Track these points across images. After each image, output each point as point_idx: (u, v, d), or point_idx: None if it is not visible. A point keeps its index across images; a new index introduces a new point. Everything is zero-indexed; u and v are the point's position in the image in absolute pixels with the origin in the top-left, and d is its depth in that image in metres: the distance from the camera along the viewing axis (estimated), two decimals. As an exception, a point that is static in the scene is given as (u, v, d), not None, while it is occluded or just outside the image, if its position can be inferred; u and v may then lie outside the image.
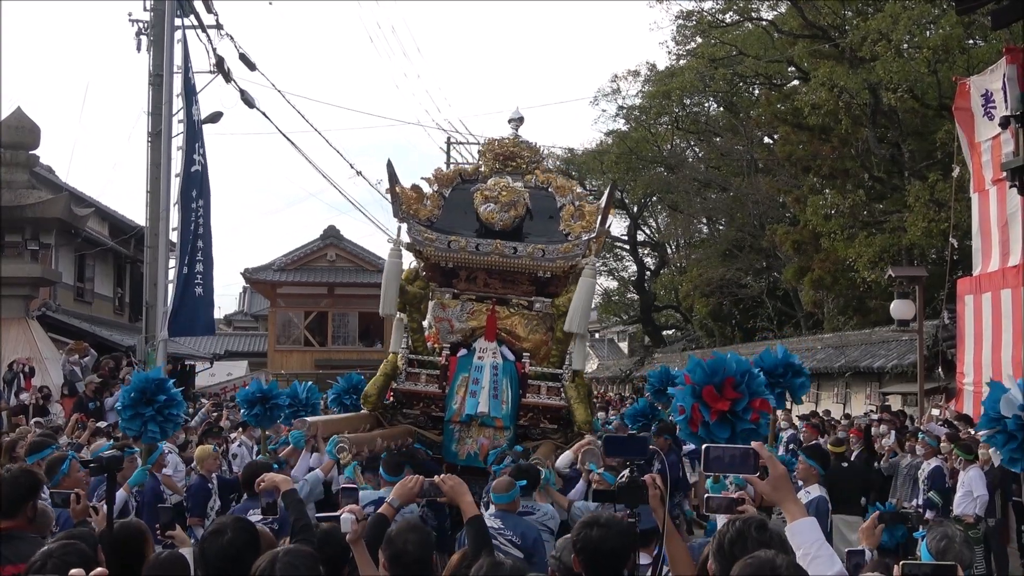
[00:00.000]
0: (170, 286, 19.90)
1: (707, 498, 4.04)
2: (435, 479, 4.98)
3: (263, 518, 6.07)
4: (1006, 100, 14.68)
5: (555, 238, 10.37)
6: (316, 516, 4.83)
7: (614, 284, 53.06)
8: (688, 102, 41.06)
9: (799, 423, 18.22)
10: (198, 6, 20.44)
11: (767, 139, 38.21)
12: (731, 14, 35.82)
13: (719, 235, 42.20)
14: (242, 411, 11.61)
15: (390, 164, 10.71)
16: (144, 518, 7.21)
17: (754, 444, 3.46)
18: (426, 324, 10.63)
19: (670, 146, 43.90)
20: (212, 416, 16.60)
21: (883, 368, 22.12)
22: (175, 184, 19.71)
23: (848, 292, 30.75)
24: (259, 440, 12.87)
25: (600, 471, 7.42)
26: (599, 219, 10.27)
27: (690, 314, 45.99)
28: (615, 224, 48.50)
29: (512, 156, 11.05)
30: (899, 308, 18.77)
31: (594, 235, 10.24)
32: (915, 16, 25.88)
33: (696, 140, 43.87)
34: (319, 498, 8.14)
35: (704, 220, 44.33)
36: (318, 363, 41.97)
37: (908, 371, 20.47)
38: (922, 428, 14.43)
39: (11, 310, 19.37)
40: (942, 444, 12.34)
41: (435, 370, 10.19)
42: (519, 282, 10.53)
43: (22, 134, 20.32)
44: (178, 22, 20.08)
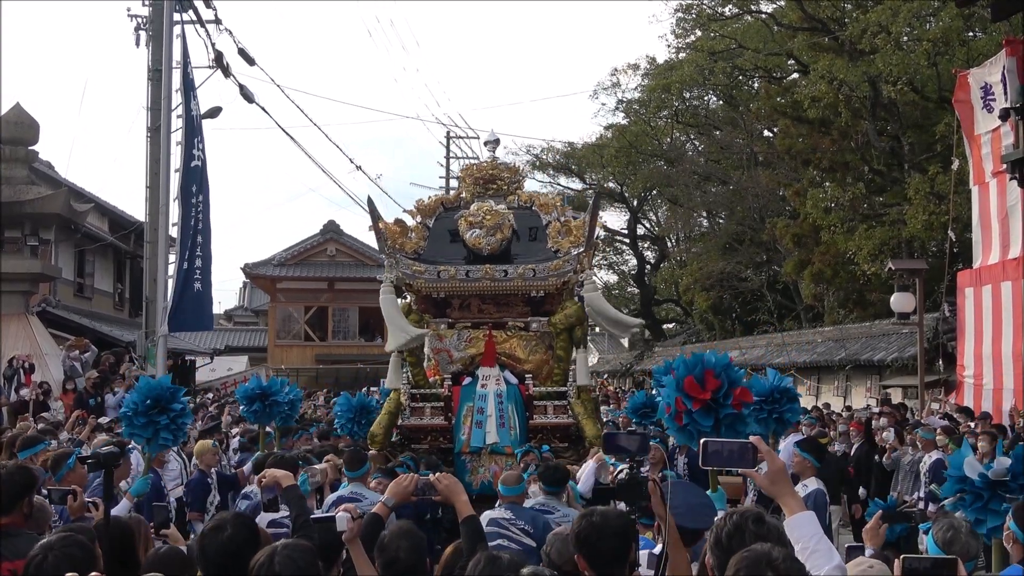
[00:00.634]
0: (170, 281, 19.91)
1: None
2: (430, 477, 4.98)
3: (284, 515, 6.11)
4: (1005, 92, 14.67)
5: (544, 256, 10.34)
6: (312, 517, 4.82)
7: (614, 278, 53.10)
8: (688, 95, 41.03)
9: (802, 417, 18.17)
10: (196, 2, 20.44)
11: (767, 132, 38.19)
12: (730, 7, 35.77)
13: (719, 229, 42.18)
14: (241, 407, 11.57)
15: (371, 202, 10.73)
16: (144, 513, 7.21)
17: (752, 438, 3.46)
18: (425, 357, 10.63)
19: (670, 140, 43.89)
20: (212, 412, 16.59)
21: (883, 361, 22.12)
22: (175, 179, 19.71)
23: (848, 285, 30.73)
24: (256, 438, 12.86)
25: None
26: (587, 232, 10.26)
27: (690, 308, 45.99)
28: (616, 218, 48.59)
29: (492, 179, 11.02)
30: (899, 301, 18.76)
31: (583, 249, 10.22)
32: (915, 8, 25.85)
33: (696, 133, 43.84)
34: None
35: (704, 214, 44.30)
36: (318, 358, 42.05)
37: (908, 364, 20.46)
38: (921, 422, 14.44)
39: (11, 306, 19.37)
40: (938, 437, 12.35)
41: (439, 402, 10.15)
42: (513, 304, 10.48)
43: (21, 129, 20.30)
44: (177, 17, 20.08)
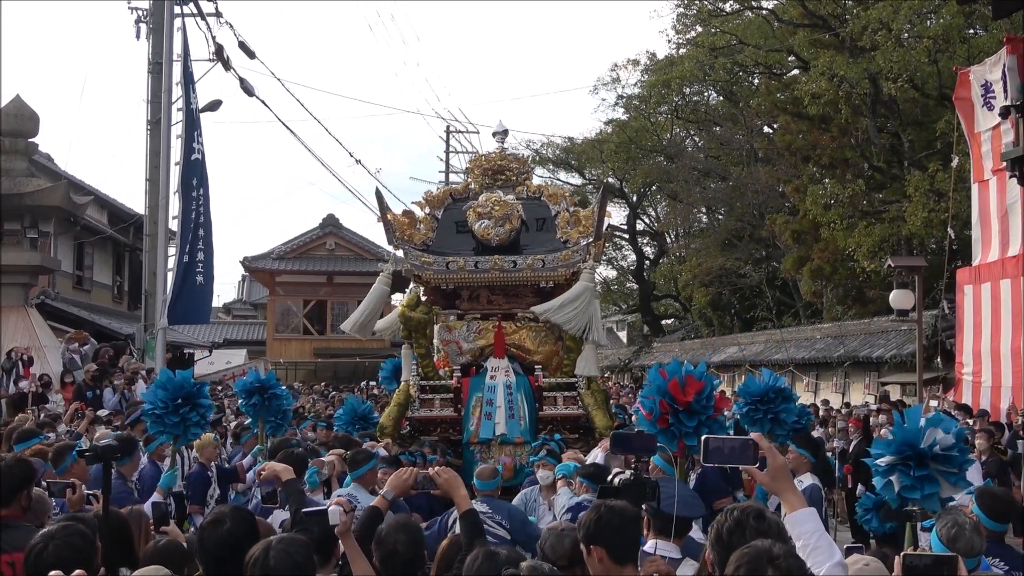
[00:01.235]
0: (169, 274, 19.89)
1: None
2: (429, 471, 5.00)
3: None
4: (1005, 90, 14.65)
5: (553, 246, 10.35)
6: (303, 511, 4.82)
7: (613, 273, 53.06)
8: (688, 91, 41.02)
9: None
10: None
11: (767, 128, 38.15)
12: (731, 3, 35.71)
13: (718, 225, 42.16)
14: (240, 401, 11.54)
15: (379, 194, 10.74)
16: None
17: (753, 435, 3.46)
18: (434, 348, 10.62)
19: (670, 135, 43.85)
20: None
21: (882, 358, 22.14)
22: (174, 172, 19.69)
23: (847, 282, 30.74)
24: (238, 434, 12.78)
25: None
26: (595, 223, 10.24)
27: (689, 304, 45.99)
28: (615, 213, 48.52)
29: (501, 169, 11.03)
30: (898, 298, 18.76)
31: (592, 239, 10.21)
32: (915, 5, 25.80)
33: (696, 129, 43.83)
34: None
35: (703, 209, 44.28)
36: (317, 352, 42.03)
37: (907, 361, 20.48)
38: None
39: (10, 298, 19.34)
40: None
41: (448, 394, 10.17)
42: (523, 295, 10.52)
43: (21, 122, 20.26)
44: (177, 10, 20.07)
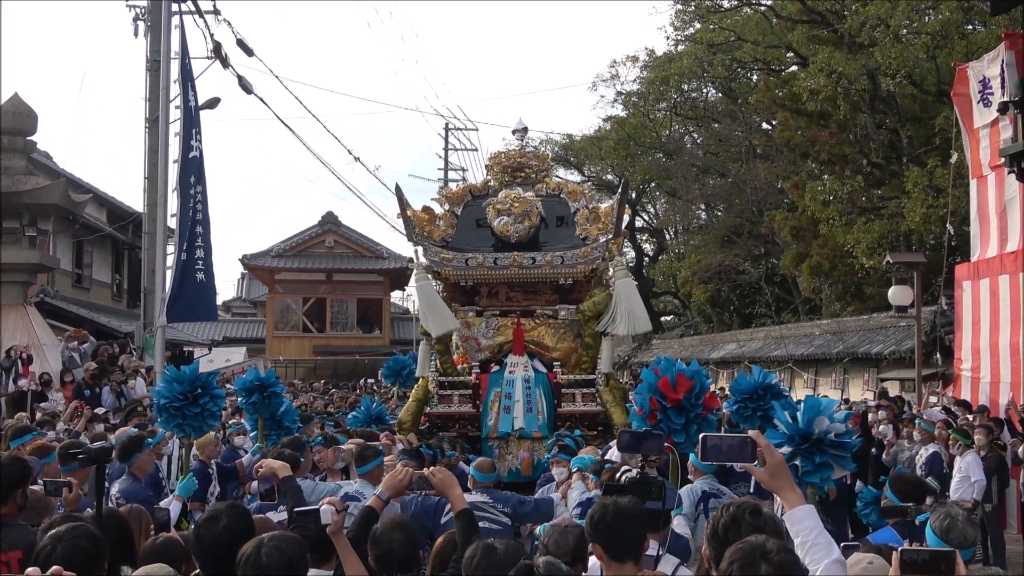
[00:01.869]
0: (168, 272, 19.86)
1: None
2: (424, 471, 5.00)
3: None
4: (1003, 86, 14.65)
5: (572, 243, 10.36)
6: (295, 511, 4.81)
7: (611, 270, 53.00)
8: (686, 88, 41.04)
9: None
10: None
11: (765, 125, 38.17)
12: (729, -1, 35.78)
13: (717, 221, 42.18)
14: (240, 399, 11.52)
15: (399, 190, 10.72)
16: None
17: (751, 432, 3.45)
18: (453, 345, 10.62)
19: (668, 132, 43.85)
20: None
21: (881, 354, 22.15)
22: (173, 170, 19.65)
23: (846, 278, 30.77)
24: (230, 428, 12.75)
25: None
26: (615, 219, 10.25)
27: (688, 300, 46.02)
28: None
29: (520, 167, 11.06)
30: (897, 294, 18.77)
31: (611, 236, 10.21)
32: (914, 1, 25.86)
33: (694, 126, 43.84)
34: None
35: (702, 206, 44.31)
36: (316, 349, 42.02)
37: (906, 357, 20.49)
38: (921, 414, 14.45)
39: (9, 296, 19.33)
40: (938, 432, 12.36)
41: (467, 390, 10.19)
42: (541, 292, 10.54)
43: (19, 120, 20.24)
44: (175, 7, 19.99)
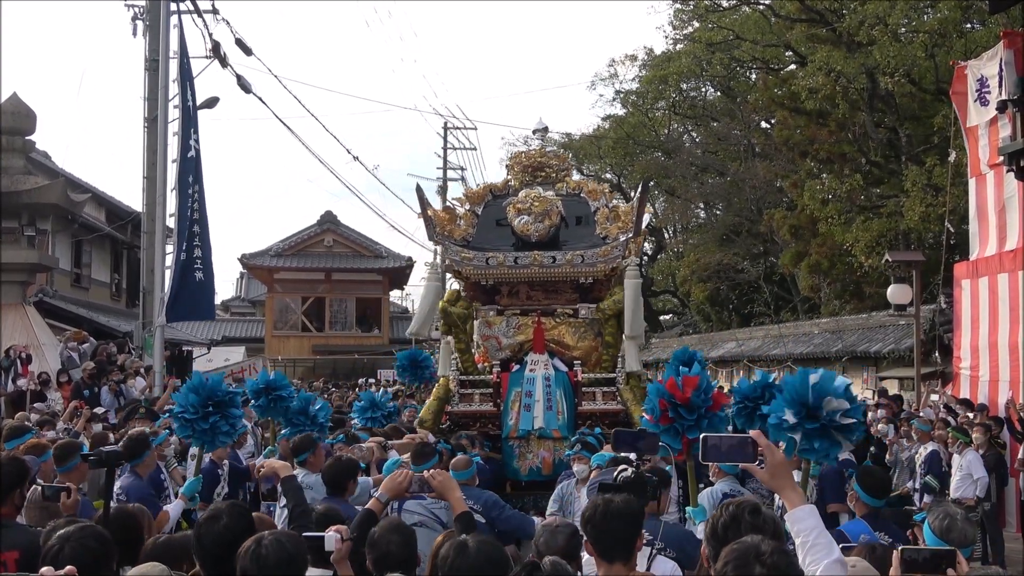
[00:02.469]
0: (167, 272, 19.85)
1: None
2: (424, 474, 5.00)
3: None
4: (1001, 85, 14.64)
5: (593, 242, 10.39)
6: (304, 535, 4.82)
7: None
8: (685, 87, 41.04)
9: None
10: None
11: (764, 124, 38.17)
12: (728, -2, 35.77)
13: (716, 220, 42.18)
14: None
15: (419, 189, 10.80)
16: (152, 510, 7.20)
17: (752, 432, 3.45)
18: (474, 343, 10.64)
19: (667, 131, 43.86)
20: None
21: (880, 353, 22.15)
22: (172, 170, 19.64)
23: (845, 277, 30.77)
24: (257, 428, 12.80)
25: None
26: (635, 218, 10.27)
27: (687, 299, 46.01)
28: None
29: (540, 166, 11.12)
30: (896, 293, 18.77)
31: (632, 235, 10.23)
32: (912, 0, 25.84)
33: (693, 125, 43.84)
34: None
35: (701, 205, 44.32)
36: (315, 349, 42.02)
37: (905, 356, 20.49)
38: (918, 414, 14.46)
39: (8, 296, 19.33)
40: (936, 432, 12.37)
41: (488, 389, 10.20)
42: (562, 291, 10.57)
43: (18, 119, 20.24)
44: (174, 7, 19.96)
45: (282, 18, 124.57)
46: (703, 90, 42.25)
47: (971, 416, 13.37)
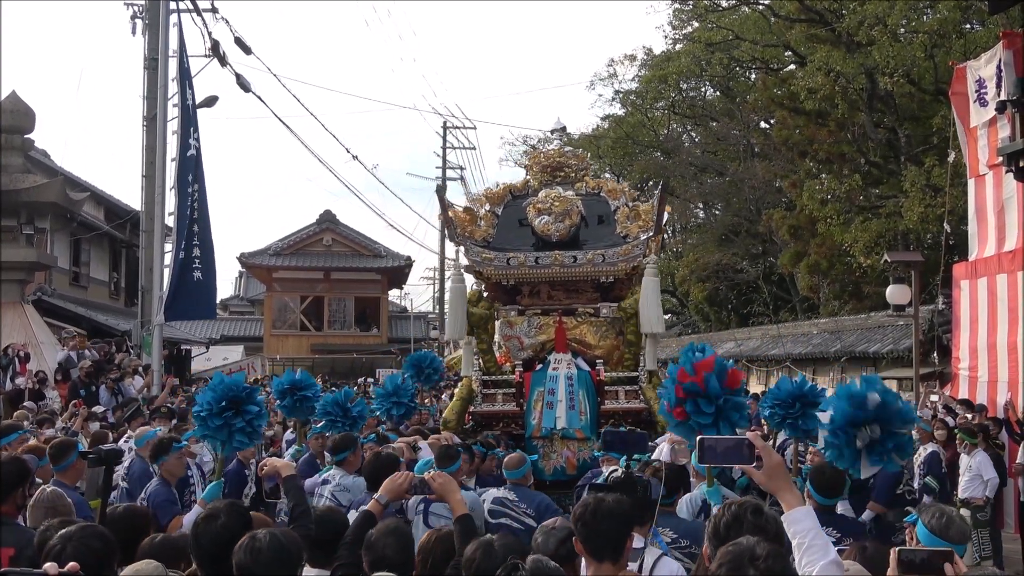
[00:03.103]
0: (166, 271, 19.85)
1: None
2: (425, 475, 4.99)
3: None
4: (998, 86, 14.63)
5: (613, 242, 10.40)
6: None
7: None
8: (684, 86, 41.05)
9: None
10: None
11: (764, 124, 38.18)
12: (728, -2, 35.78)
13: (715, 220, 42.19)
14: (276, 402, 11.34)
15: (440, 190, 10.83)
16: (129, 500, 7.18)
17: (748, 434, 3.45)
18: (495, 344, 10.64)
19: (666, 131, 43.86)
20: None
21: (879, 353, 22.14)
22: (171, 168, 19.63)
23: (844, 277, 30.78)
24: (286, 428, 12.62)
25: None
26: (655, 217, 10.29)
27: (686, 299, 46.01)
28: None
29: (560, 166, 11.13)
30: (895, 293, 18.76)
31: (652, 234, 10.25)
32: (912, 0, 25.84)
33: (692, 125, 43.84)
34: None
35: (700, 205, 44.30)
36: (314, 348, 42.01)
37: (904, 356, 20.49)
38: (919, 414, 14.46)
39: (6, 294, 19.31)
40: (936, 432, 12.36)
41: (510, 388, 10.19)
42: (583, 290, 10.56)
43: (17, 118, 20.22)
44: (173, 5, 19.99)
45: (281, 17, 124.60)
46: (702, 90, 42.27)
47: (969, 417, 13.37)
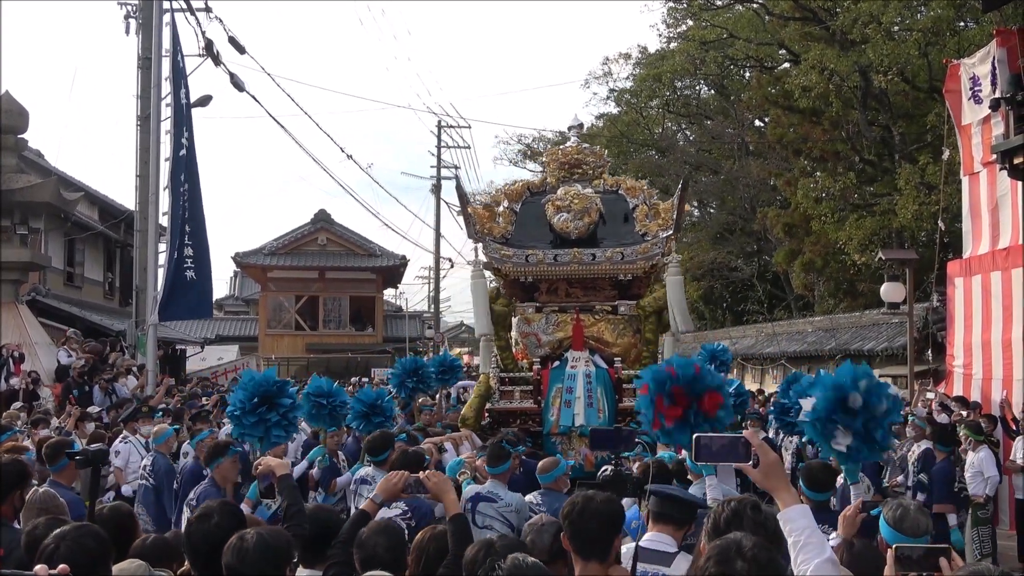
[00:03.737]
0: (160, 271, 19.81)
1: None
2: (420, 475, 4.96)
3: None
4: (993, 83, 14.66)
5: (632, 239, 10.42)
6: None
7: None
8: (679, 85, 41.03)
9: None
10: (186, -11, 20.30)
11: (758, 122, 38.20)
12: (722, -3, 35.78)
13: (710, 218, 42.21)
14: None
15: (459, 186, 10.82)
16: (168, 505, 7.12)
17: (745, 432, 3.45)
18: (513, 340, 10.62)
19: (661, 129, 43.86)
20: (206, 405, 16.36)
21: (873, 351, 22.16)
22: (164, 168, 19.60)
23: (839, 275, 30.82)
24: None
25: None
26: (674, 215, 10.28)
27: (682, 297, 45.94)
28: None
29: (577, 163, 11.12)
30: (889, 291, 18.79)
31: (671, 232, 10.24)
32: (906, -1, 25.89)
33: (687, 123, 43.85)
34: None
35: (695, 203, 44.27)
36: (309, 347, 41.99)
37: (898, 354, 20.52)
38: (912, 412, 14.47)
39: (1, 295, 19.28)
40: (930, 429, 12.36)
41: (528, 385, 10.20)
42: (601, 288, 10.59)
43: (11, 118, 20.15)
44: (166, 5, 19.94)
45: (275, 16, 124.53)
46: (697, 88, 42.25)
47: (964, 414, 13.38)
